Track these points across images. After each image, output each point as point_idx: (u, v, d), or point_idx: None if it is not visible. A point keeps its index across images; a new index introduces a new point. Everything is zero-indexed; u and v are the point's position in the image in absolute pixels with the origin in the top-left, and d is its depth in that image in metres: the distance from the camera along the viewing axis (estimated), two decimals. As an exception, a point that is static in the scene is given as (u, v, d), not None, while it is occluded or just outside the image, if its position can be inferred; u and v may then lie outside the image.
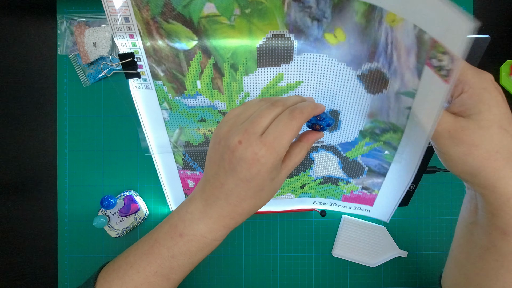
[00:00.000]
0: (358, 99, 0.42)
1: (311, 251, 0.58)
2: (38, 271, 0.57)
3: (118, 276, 0.38)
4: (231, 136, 0.32)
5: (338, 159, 0.50)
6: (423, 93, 0.33)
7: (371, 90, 0.40)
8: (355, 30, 0.36)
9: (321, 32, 0.38)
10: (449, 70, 0.29)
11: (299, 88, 0.42)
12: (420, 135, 0.36)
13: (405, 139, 0.41)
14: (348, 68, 0.39)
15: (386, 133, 0.42)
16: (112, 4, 0.36)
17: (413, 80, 0.34)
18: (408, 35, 0.32)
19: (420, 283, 0.59)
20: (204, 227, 0.36)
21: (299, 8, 0.36)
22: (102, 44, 0.52)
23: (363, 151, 0.47)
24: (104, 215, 0.54)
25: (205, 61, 0.40)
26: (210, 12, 0.37)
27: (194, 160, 0.50)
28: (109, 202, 0.52)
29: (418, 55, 0.32)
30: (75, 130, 0.56)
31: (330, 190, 0.54)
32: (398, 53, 0.34)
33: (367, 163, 0.48)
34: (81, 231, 0.57)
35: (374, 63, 0.38)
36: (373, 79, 0.39)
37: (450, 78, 0.29)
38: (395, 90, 0.37)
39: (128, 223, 0.55)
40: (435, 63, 0.30)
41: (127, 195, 0.54)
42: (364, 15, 0.35)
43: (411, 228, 0.58)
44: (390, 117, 0.40)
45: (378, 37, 0.35)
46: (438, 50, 0.30)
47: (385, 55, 0.36)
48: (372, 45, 0.36)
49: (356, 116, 0.43)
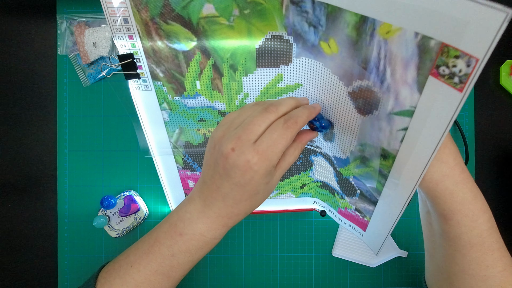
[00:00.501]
0: (348, 118, 0.39)
1: (311, 251, 0.58)
2: (38, 271, 0.57)
3: (119, 276, 0.38)
4: (224, 142, 0.33)
5: (333, 170, 0.49)
6: (426, 108, 0.31)
7: (361, 111, 0.37)
8: (346, 43, 0.34)
9: (317, 39, 0.37)
10: (465, 75, 0.27)
11: (298, 90, 0.42)
12: (419, 156, 0.34)
13: (395, 167, 0.38)
14: (340, 82, 0.37)
15: (376, 159, 0.40)
16: (111, 5, 0.36)
17: (412, 96, 0.31)
18: (407, 45, 0.29)
19: (420, 283, 0.58)
20: (203, 227, 0.36)
21: (297, 12, 0.36)
22: (102, 44, 0.52)
23: (355, 172, 0.45)
24: (104, 215, 0.54)
25: (205, 61, 0.40)
26: (209, 13, 0.37)
27: (194, 160, 0.50)
28: (109, 202, 0.52)
29: (419, 66, 0.29)
30: (75, 130, 0.56)
31: (328, 197, 0.54)
32: (393, 68, 0.32)
33: (358, 186, 0.47)
34: (81, 231, 0.57)
35: (365, 80, 0.35)
36: (363, 99, 0.36)
37: (466, 85, 0.27)
38: (387, 111, 0.34)
39: (128, 223, 0.55)
40: (445, 71, 0.28)
41: (127, 195, 0.54)
42: (355, 27, 0.33)
43: (411, 228, 0.58)
44: (380, 141, 0.37)
45: (369, 52, 0.33)
46: (449, 55, 0.27)
47: (376, 72, 0.33)
48: (363, 61, 0.34)
49: (347, 135, 0.41)
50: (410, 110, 0.32)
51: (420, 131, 0.33)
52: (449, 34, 0.27)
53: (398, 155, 0.36)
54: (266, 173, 0.33)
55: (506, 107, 0.57)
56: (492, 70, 0.56)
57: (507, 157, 0.58)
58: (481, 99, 0.56)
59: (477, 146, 0.57)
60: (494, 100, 0.57)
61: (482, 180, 0.58)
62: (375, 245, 0.52)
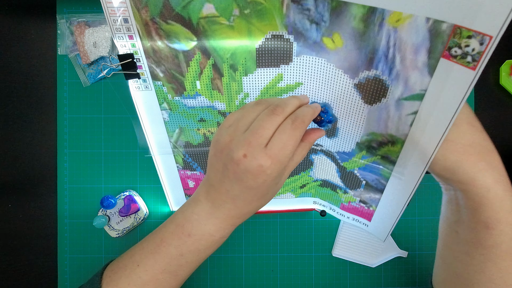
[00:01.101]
0: (354, 110, 0.40)
1: (311, 251, 0.58)
2: (38, 271, 0.57)
3: (124, 275, 0.39)
4: (234, 148, 0.32)
5: (336, 166, 0.49)
6: (437, 90, 0.33)
7: (368, 101, 0.39)
8: (352, 35, 0.35)
9: (320, 36, 0.37)
10: (478, 53, 0.29)
11: (299, 89, 0.42)
12: (431, 136, 0.35)
13: (405, 151, 0.39)
14: (345, 76, 0.38)
15: (384, 146, 0.41)
16: (111, 5, 0.36)
17: (422, 80, 0.33)
18: (418, 31, 0.31)
19: (420, 283, 0.59)
20: (212, 227, 0.37)
21: (298, 10, 0.36)
22: (102, 44, 0.52)
23: (360, 164, 0.45)
24: (104, 215, 0.54)
25: (205, 61, 0.40)
26: (209, 12, 0.37)
27: (194, 160, 0.50)
28: (109, 202, 0.52)
29: (430, 50, 0.31)
30: (75, 130, 0.56)
31: (329, 195, 0.54)
32: (403, 55, 0.33)
33: (364, 177, 0.47)
34: (81, 231, 0.57)
35: (373, 70, 0.36)
36: (370, 88, 0.38)
37: (479, 63, 0.29)
38: (396, 97, 0.36)
39: (128, 223, 0.55)
40: (457, 52, 0.30)
41: (127, 195, 0.54)
42: (363, 19, 0.34)
43: (411, 228, 0.58)
44: (388, 128, 0.39)
45: (377, 42, 0.34)
46: (462, 36, 0.29)
47: (385, 61, 0.35)
48: (370, 51, 0.35)
49: (353, 127, 0.42)
50: (421, 93, 0.34)
51: (431, 112, 0.34)
52: (462, 16, 0.28)
53: (407, 139, 0.38)
54: (277, 175, 0.33)
55: (506, 107, 0.57)
56: (492, 70, 0.56)
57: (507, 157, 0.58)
58: (481, 99, 0.56)
59: (477, 146, 0.57)
60: (494, 100, 0.57)
61: (482, 180, 0.58)
62: (382, 232, 0.52)
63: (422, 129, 0.36)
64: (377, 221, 0.52)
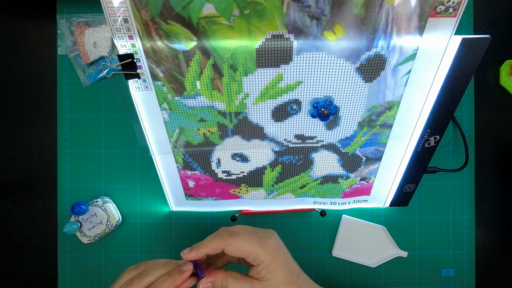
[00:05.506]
0: (356, 92, 0.42)
1: (311, 251, 0.58)
2: (38, 271, 0.57)
3: None
4: None
5: (337, 156, 0.50)
6: (427, 44, 0.39)
7: (368, 79, 0.41)
8: (354, 23, 0.37)
9: (320, 30, 0.38)
10: (457, 3, 0.36)
11: (299, 88, 0.42)
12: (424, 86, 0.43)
13: (401, 110, 0.45)
14: (347, 62, 0.40)
15: (382, 115, 0.45)
16: (111, 5, 0.36)
17: (414, 42, 0.39)
18: (410, 2, 0.36)
19: (420, 283, 0.59)
20: None
21: (298, 8, 0.36)
22: (102, 44, 0.52)
23: (361, 141, 0.48)
24: (76, 221, 0.54)
25: (205, 61, 0.40)
26: (209, 13, 0.37)
27: (194, 160, 0.50)
28: (80, 208, 0.52)
29: (420, 15, 0.37)
30: (75, 130, 0.56)
31: (330, 189, 0.54)
32: (399, 26, 0.38)
33: (364, 152, 0.50)
34: (81, 231, 0.57)
35: (373, 49, 0.39)
36: (371, 67, 0.40)
37: (459, 10, 0.37)
38: (392, 65, 0.40)
39: (100, 229, 0.55)
40: (441, 9, 0.37)
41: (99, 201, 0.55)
42: (364, 5, 0.36)
43: (411, 228, 0.58)
44: (386, 96, 0.43)
45: (378, 21, 0.37)
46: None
47: (384, 36, 0.38)
48: (371, 32, 0.38)
49: (354, 110, 0.44)
50: (413, 54, 0.40)
51: (423, 62, 0.40)
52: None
53: (402, 99, 0.44)
54: None
55: (506, 107, 0.57)
56: (492, 70, 0.56)
57: (507, 157, 0.58)
58: (481, 99, 0.56)
59: (477, 146, 0.57)
60: (494, 100, 0.57)
61: (482, 180, 0.58)
62: (381, 199, 0.56)
63: (416, 83, 0.41)
64: (377, 189, 0.55)
